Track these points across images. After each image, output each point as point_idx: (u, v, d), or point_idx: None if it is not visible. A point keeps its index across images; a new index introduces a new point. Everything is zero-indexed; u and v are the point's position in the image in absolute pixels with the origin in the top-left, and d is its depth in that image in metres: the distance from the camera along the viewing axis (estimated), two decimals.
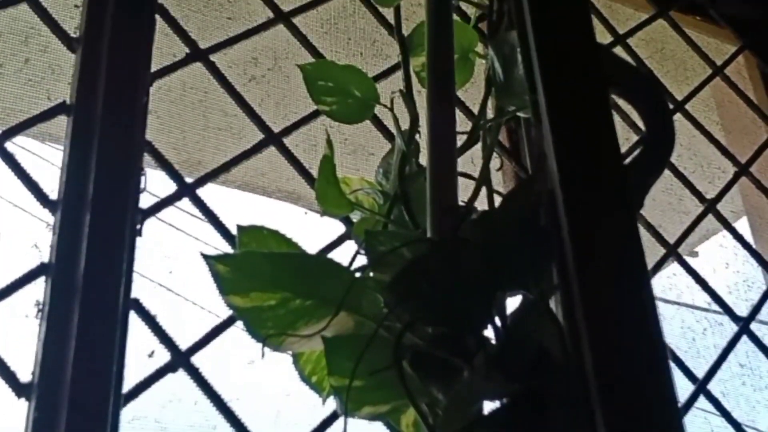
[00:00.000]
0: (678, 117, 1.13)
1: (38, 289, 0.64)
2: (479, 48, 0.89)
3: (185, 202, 0.79)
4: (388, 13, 0.95)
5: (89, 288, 0.61)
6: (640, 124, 0.73)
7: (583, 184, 0.62)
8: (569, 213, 0.61)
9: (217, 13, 1.01)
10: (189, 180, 0.81)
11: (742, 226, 1.30)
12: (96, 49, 0.78)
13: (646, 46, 1.29)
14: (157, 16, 0.85)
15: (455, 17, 0.85)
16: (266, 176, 1.16)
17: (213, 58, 0.89)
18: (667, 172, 0.88)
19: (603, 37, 1.17)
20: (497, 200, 0.75)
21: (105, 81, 0.74)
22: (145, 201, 0.72)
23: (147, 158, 0.75)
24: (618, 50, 1.17)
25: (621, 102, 0.95)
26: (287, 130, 0.88)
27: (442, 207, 0.71)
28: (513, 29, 0.73)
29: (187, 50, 0.87)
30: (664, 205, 1.38)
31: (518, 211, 0.66)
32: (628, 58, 1.18)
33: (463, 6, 0.95)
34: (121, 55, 0.77)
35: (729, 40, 1.31)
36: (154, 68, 0.80)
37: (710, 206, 1.10)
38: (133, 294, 0.65)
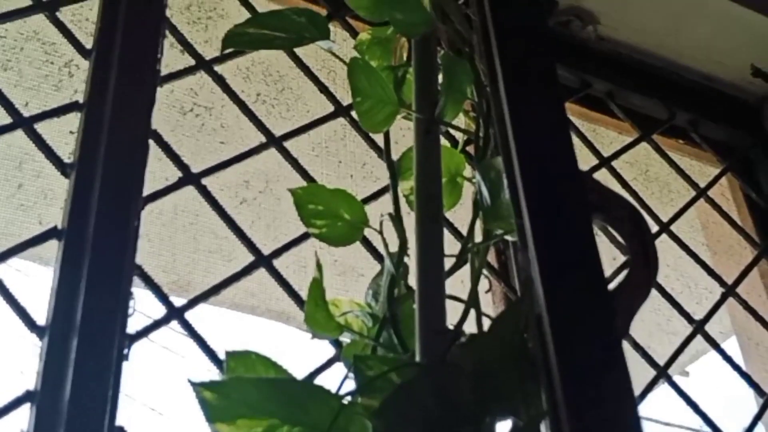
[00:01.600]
0: (664, 238, 1.15)
1: (23, 415, 0.63)
2: (467, 171, 0.91)
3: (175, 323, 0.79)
4: (378, 137, 0.98)
5: (74, 416, 0.60)
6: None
7: (569, 308, 0.62)
8: (556, 337, 0.61)
9: (210, 138, 1.04)
10: (178, 302, 0.81)
11: (732, 345, 1.30)
12: (90, 174, 0.79)
13: (630, 168, 1.32)
14: (151, 141, 0.87)
15: (443, 141, 0.87)
16: (256, 297, 1.17)
17: (205, 181, 0.90)
18: (654, 293, 0.89)
19: (588, 160, 1.20)
20: (486, 323, 0.75)
21: (97, 205, 0.75)
22: (134, 320, 0.72)
23: (136, 280, 0.75)
24: (603, 173, 1.20)
25: None
26: (277, 252, 0.89)
27: (431, 330, 0.71)
28: (499, 155, 0.75)
29: (180, 174, 0.89)
30: (652, 326, 1.38)
31: (507, 336, 0.66)
32: (614, 181, 1.20)
33: (451, 130, 0.97)
34: (114, 179, 0.79)
35: (712, 162, 1.34)
36: (146, 192, 0.81)
37: (698, 327, 1.10)
38: (119, 421, 0.64)
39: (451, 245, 0.81)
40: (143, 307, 0.77)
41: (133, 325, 0.72)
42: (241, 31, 0.87)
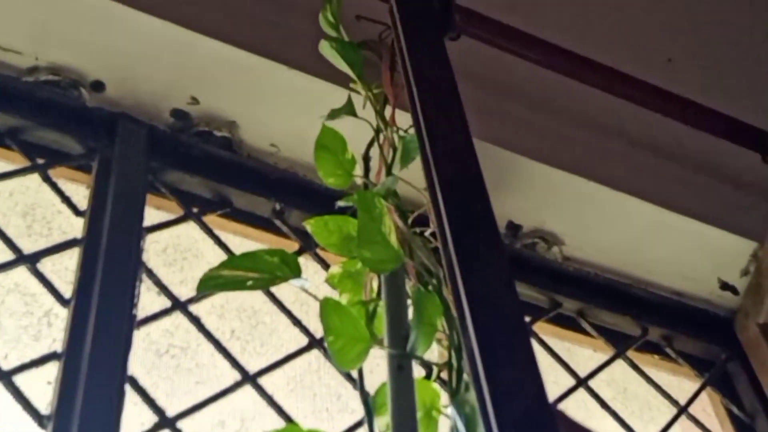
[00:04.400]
0: None
1: None
2: (444, 398, 0.91)
3: None
4: (353, 372, 0.98)
5: None
6: None
7: None
8: None
9: (185, 378, 1.04)
10: None
11: None
12: (66, 424, 0.79)
13: (608, 387, 1.32)
14: (127, 386, 0.87)
15: (418, 369, 0.88)
16: None
17: (181, 424, 0.90)
18: None
19: (565, 380, 1.20)
20: None
21: None
22: None
23: None
24: (581, 393, 1.20)
25: None
26: None
27: None
28: (471, 389, 0.76)
29: (156, 419, 0.89)
30: None
31: None
32: (592, 401, 1.20)
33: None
34: (90, 429, 0.79)
35: (690, 377, 1.35)
36: None
37: None
38: None
39: None
40: None
41: None
42: (216, 274, 0.89)
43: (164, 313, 0.99)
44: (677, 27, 1.61)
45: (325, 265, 1.11)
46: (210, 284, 0.89)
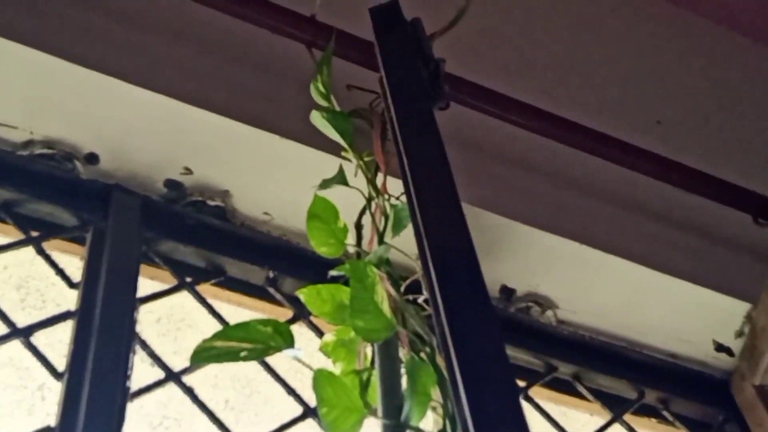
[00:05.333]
0: None
1: None
2: None
3: None
4: None
5: None
6: None
7: None
8: None
9: None
10: None
11: None
12: None
13: None
14: None
15: None
16: None
17: None
18: None
19: None
20: None
21: None
22: None
23: None
24: None
25: None
26: None
27: None
28: None
29: None
30: None
31: None
32: None
33: None
34: None
35: None
36: None
37: None
38: None
39: None
40: None
41: None
42: (209, 346, 0.89)
43: (158, 384, 0.99)
44: (666, 90, 1.64)
45: (320, 333, 1.11)
46: (203, 356, 0.89)
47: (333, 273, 0.95)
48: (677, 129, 1.57)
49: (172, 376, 1.00)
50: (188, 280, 1.10)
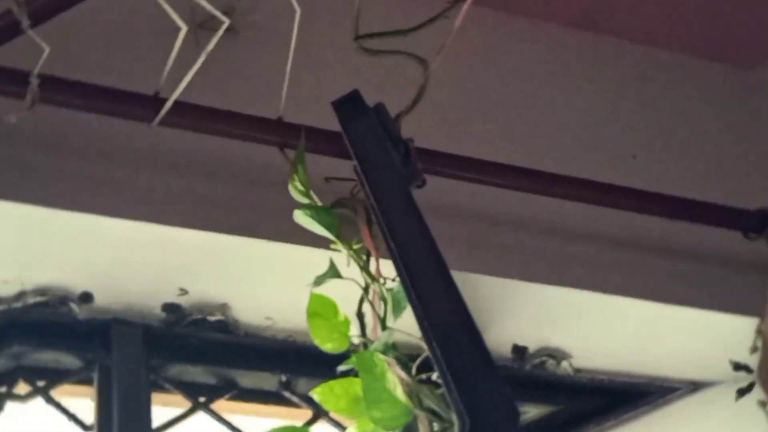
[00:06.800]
0: None
1: None
2: None
3: None
4: None
5: None
6: None
7: None
8: None
9: None
10: None
11: None
12: None
13: None
14: None
15: None
16: None
17: None
18: None
19: None
20: None
21: None
22: None
23: None
24: None
25: None
26: None
27: None
28: None
29: None
30: None
31: None
32: None
33: None
34: None
35: None
36: None
37: None
38: None
39: None
40: None
41: None
42: None
43: None
44: (638, 123, 1.65)
45: (341, 428, 1.11)
46: None
47: (341, 369, 0.95)
48: (653, 160, 1.58)
49: None
50: (201, 400, 1.10)
